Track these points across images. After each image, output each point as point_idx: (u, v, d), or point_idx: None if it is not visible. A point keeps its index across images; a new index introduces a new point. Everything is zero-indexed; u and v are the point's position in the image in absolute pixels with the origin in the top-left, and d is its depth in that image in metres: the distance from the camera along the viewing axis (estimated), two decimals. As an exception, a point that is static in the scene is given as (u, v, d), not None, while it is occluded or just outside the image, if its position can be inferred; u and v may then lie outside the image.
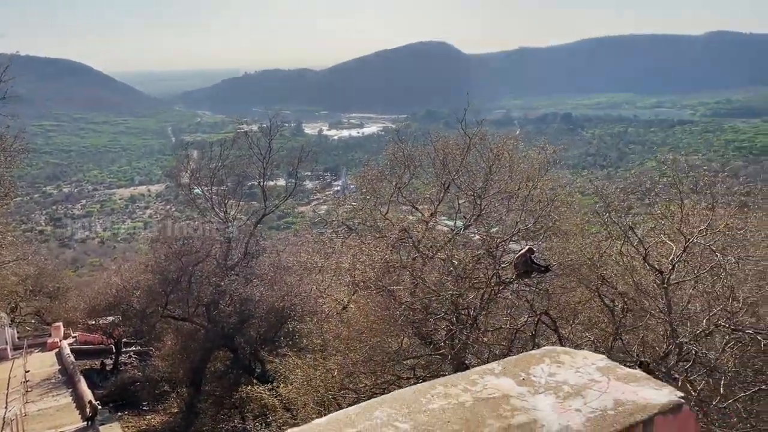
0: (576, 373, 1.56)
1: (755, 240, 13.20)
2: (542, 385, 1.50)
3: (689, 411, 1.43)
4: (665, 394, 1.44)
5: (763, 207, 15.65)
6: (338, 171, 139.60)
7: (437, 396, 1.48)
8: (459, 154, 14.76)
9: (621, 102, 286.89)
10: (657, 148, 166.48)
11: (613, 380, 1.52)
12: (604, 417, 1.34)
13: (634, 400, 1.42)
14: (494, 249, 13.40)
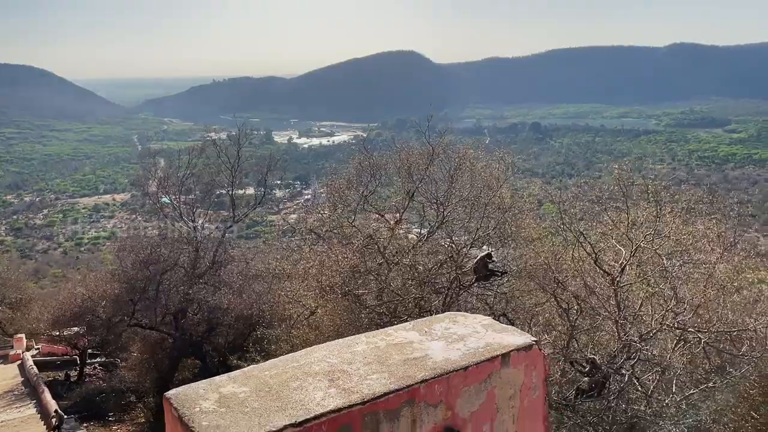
0: (465, 327, 2.10)
1: (701, 245, 14.10)
2: (438, 335, 2.04)
3: (538, 350, 1.98)
4: (523, 338, 1.99)
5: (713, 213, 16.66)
6: (308, 179, 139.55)
7: (361, 343, 2.00)
8: (423, 163, 15.37)
9: (588, 112, 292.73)
10: (623, 157, 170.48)
11: (490, 331, 2.07)
12: (476, 352, 1.89)
13: (500, 342, 1.97)
14: (456, 254, 14.01)
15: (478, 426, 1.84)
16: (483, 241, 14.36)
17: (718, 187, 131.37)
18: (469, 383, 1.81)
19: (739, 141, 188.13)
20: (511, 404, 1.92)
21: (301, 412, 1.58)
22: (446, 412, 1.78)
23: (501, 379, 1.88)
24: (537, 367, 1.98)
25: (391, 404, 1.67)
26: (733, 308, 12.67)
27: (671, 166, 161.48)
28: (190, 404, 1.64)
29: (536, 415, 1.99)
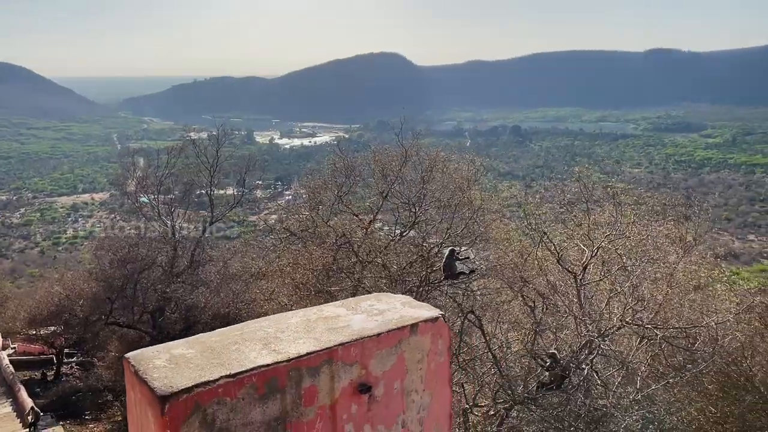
0: (386, 305, 2.48)
1: (662, 246, 14.70)
2: (362, 310, 2.41)
3: (443, 322, 2.37)
4: (431, 312, 2.38)
5: (676, 216, 17.29)
6: (290, 180, 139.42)
7: (295, 316, 2.37)
8: (397, 164, 15.81)
9: (567, 116, 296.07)
10: (602, 161, 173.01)
11: (407, 307, 2.45)
12: (390, 322, 2.27)
13: (412, 315, 2.36)
14: (427, 254, 14.47)
15: (389, 383, 2.22)
16: (453, 241, 14.81)
17: (694, 191, 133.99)
18: (382, 347, 2.20)
19: (714, 146, 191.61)
20: (419, 366, 2.31)
21: (236, 366, 1.95)
22: (361, 370, 2.16)
23: (410, 344, 2.27)
24: (443, 336, 2.37)
25: (312, 362, 2.04)
26: (690, 307, 13.28)
27: (648, 169, 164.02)
28: (145, 362, 2.00)
29: (442, 376, 2.38)
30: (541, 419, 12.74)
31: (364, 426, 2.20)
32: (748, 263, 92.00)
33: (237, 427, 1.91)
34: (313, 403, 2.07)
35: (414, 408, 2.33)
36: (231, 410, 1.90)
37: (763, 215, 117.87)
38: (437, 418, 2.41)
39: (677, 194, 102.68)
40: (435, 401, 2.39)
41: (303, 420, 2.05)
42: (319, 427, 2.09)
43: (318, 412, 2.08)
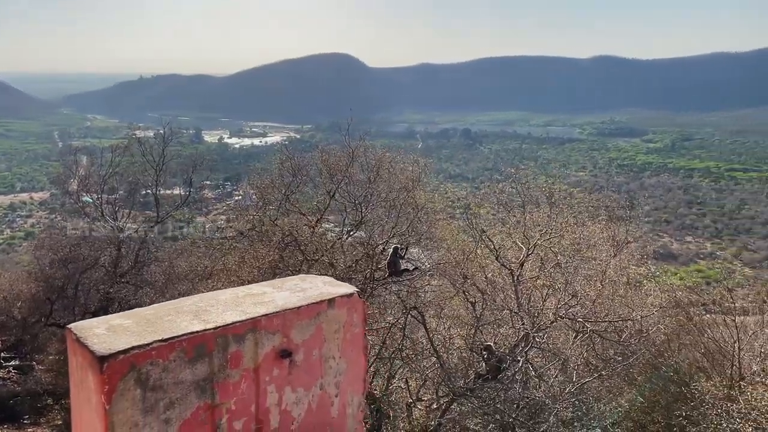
0: (309, 284, 2.78)
1: (595, 244, 15.48)
2: (286, 288, 2.71)
3: (358, 297, 2.70)
4: (348, 289, 2.71)
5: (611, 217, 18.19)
6: (239, 180, 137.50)
7: (226, 293, 2.65)
8: (344, 164, 16.10)
9: (516, 119, 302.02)
10: (549, 164, 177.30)
11: (327, 286, 2.76)
12: (310, 297, 2.58)
13: (330, 291, 2.67)
14: (372, 252, 14.81)
15: (309, 350, 2.53)
16: (399, 240, 15.19)
17: (636, 194, 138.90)
18: (302, 319, 2.50)
19: (655, 150, 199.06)
20: (336, 336, 2.63)
21: (168, 333, 2.22)
22: (282, 338, 2.46)
23: (327, 317, 2.58)
24: (357, 310, 2.69)
25: (238, 330, 2.33)
26: (620, 302, 14.05)
27: (593, 173, 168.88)
28: (86, 330, 2.25)
29: (357, 345, 2.70)
30: (482, 411, 13.24)
31: (285, 388, 2.50)
32: (686, 263, 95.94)
33: (169, 385, 2.18)
34: (239, 366, 2.36)
35: (331, 373, 2.64)
36: (163, 370, 2.17)
37: (700, 218, 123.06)
38: (352, 383, 2.73)
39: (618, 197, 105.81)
40: (350, 367, 2.71)
41: (229, 381, 2.34)
42: (243, 388, 2.38)
43: (243, 374, 2.37)
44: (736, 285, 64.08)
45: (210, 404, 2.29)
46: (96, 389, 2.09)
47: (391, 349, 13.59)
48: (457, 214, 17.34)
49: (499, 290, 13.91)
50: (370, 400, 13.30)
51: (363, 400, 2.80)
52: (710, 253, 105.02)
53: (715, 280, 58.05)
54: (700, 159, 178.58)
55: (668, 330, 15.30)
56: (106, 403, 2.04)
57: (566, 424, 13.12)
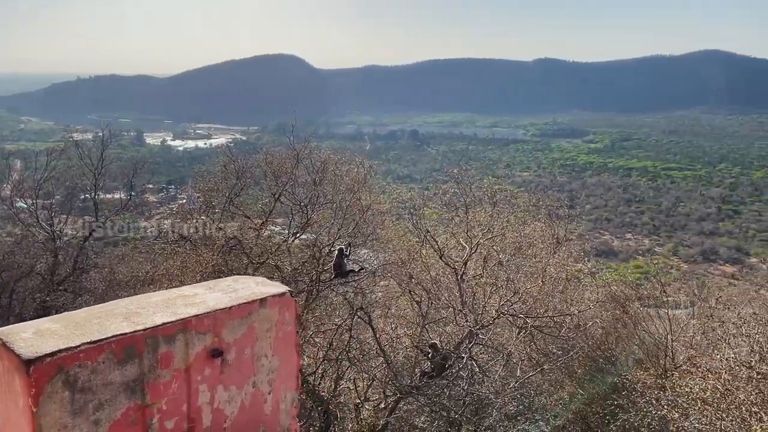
0: (242, 284, 2.84)
1: (536, 243, 15.95)
2: (219, 289, 2.77)
3: (289, 297, 2.78)
4: (280, 289, 2.78)
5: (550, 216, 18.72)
6: (184, 183, 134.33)
7: (157, 296, 2.69)
8: (289, 166, 16.04)
9: (462, 121, 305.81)
10: (494, 165, 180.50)
11: (260, 286, 2.83)
12: (241, 297, 2.65)
13: (262, 291, 2.74)
14: (318, 254, 14.82)
15: (241, 349, 2.59)
16: (345, 241, 15.26)
17: (578, 193, 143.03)
18: (233, 318, 2.56)
19: (596, 151, 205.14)
20: (269, 335, 2.70)
21: (97, 335, 2.25)
22: (213, 338, 2.51)
23: (259, 316, 2.65)
24: (289, 309, 2.77)
25: (168, 331, 2.38)
26: (559, 298, 14.52)
27: (537, 173, 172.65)
28: (13, 335, 2.25)
29: (289, 342, 2.78)
30: (429, 409, 13.45)
31: (217, 387, 2.56)
32: (626, 260, 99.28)
33: (98, 387, 2.21)
34: (169, 366, 2.40)
35: (264, 371, 2.71)
36: (92, 372, 2.20)
37: (639, 215, 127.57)
38: (285, 380, 2.81)
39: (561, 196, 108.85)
40: (283, 365, 2.79)
41: (160, 381, 2.38)
42: (174, 387, 2.43)
43: (174, 374, 2.42)
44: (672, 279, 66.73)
45: (140, 404, 2.33)
46: (23, 392, 2.10)
47: (339, 351, 13.63)
48: (405, 214, 17.51)
49: (443, 289, 14.15)
50: (318, 402, 13.32)
51: (296, 397, 2.87)
52: (648, 249, 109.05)
53: (653, 275, 60.25)
54: (638, 159, 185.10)
55: (605, 324, 15.89)
56: (33, 405, 2.06)
57: (510, 419, 13.47)
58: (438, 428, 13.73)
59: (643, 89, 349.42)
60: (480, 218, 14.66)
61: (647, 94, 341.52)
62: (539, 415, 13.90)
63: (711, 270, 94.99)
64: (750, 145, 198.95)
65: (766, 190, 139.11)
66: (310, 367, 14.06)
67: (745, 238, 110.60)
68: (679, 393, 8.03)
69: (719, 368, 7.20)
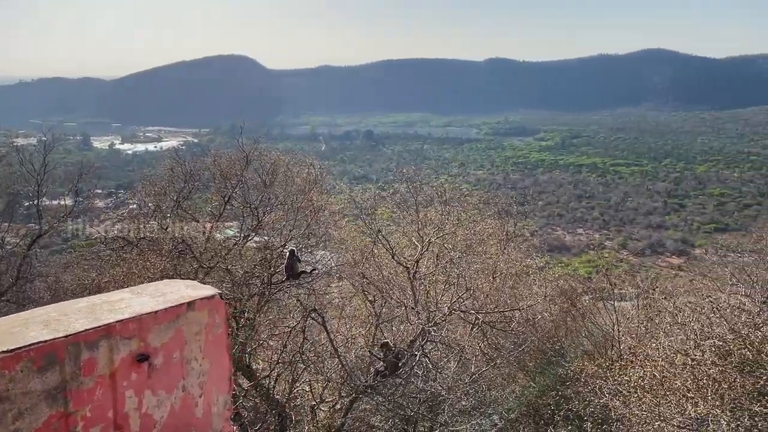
0: (171, 288, 2.82)
1: (484, 238, 16.22)
2: (147, 293, 2.75)
3: (219, 299, 2.78)
4: (209, 291, 2.78)
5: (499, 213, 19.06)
6: (133, 187, 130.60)
7: (82, 302, 2.65)
8: (238, 168, 15.88)
9: (417, 121, 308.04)
10: (449, 164, 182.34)
11: (189, 289, 2.81)
12: (169, 301, 2.63)
13: (191, 294, 2.73)
14: (269, 256, 14.71)
15: (169, 353, 2.58)
16: (297, 242, 15.21)
17: (530, 190, 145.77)
18: (160, 322, 2.55)
19: (547, 148, 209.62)
20: (198, 338, 2.69)
21: (14, 343, 2.21)
22: (139, 343, 2.49)
23: (188, 319, 2.64)
24: (218, 311, 2.76)
25: (90, 337, 2.35)
26: (509, 293, 14.82)
27: (490, 171, 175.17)
28: (-72, 347, 2.19)
29: (220, 345, 2.78)
30: (385, 407, 13.51)
31: (145, 392, 2.53)
32: (578, 254, 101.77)
33: (17, 396, 2.17)
34: (93, 372, 2.37)
35: (194, 374, 2.70)
36: (10, 381, 2.15)
37: (589, 211, 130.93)
38: (217, 383, 2.80)
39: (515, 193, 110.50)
40: (214, 368, 2.78)
41: (83, 388, 2.35)
42: (99, 394, 2.40)
43: (98, 380, 2.39)
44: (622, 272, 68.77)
45: (63, 412, 2.29)
46: (-64, 405, 2.05)
47: (293, 353, 13.56)
48: (359, 215, 17.55)
49: (396, 288, 14.25)
50: (272, 406, 13.24)
51: (229, 399, 2.87)
52: (599, 243, 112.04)
53: (605, 268, 61.92)
54: (587, 155, 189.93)
55: (555, 317, 16.30)
56: (-54, 418, 2.01)
57: (465, 414, 13.65)
58: (394, 426, 13.82)
59: (590, 88, 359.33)
60: (432, 217, 14.82)
61: (594, 93, 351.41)
62: (492, 409, 14.13)
63: (658, 262, 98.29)
64: (693, 140, 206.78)
65: (709, 184, 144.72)
66: (265, 370, 13.96)
67: (690, 230, 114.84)
68: (620, 382, 8.31)
69: (657, 356, 7.49)
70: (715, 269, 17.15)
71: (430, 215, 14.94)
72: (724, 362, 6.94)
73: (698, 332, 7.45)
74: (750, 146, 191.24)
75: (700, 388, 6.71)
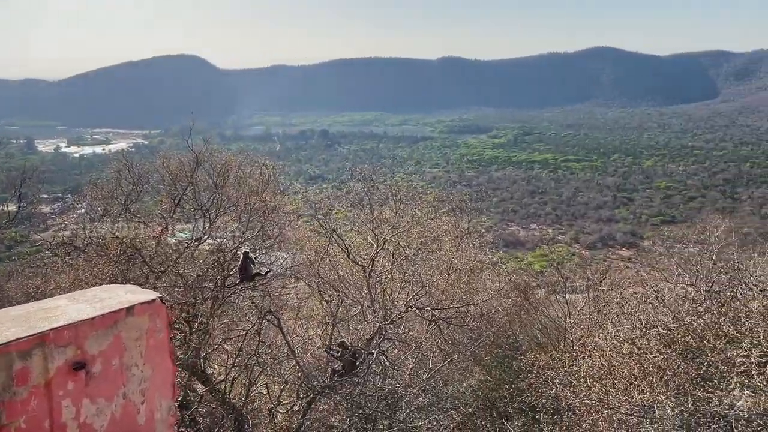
0: (109, 294, 2.75)
1: (438, 235, 16.36)
2: (84, 300, 2.67)
3: (160, 303, 2.72)
4: (149, 296, 2.72)
5: (454, 210, 19.24)
6: (81, 192, 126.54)
7: (15, 310, 2.55)
8: (188, 170, 15.54)
9: (372, 120, 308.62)
10: (405, 162, 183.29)
11: (129, 294, 2.75)
12: (107, 307, 2.57)
13: (130, 299, 2.68)
14: (223, 259, 14.47)
15: (107, 360, 2.51)
16: (251, 244, 15.00)
17: (486, 187, 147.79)
18: (97, 329, 2.48)
19: (500, 145, 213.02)
20: (139, 343, 2.63)
21: (-64, 358, 2.12)
22: (76, 351, 2.42)
23: (127, 325, 2.58)
24: (160, 316, 2.71)
25: (22, 346, 2.27)
26: (464, 289, 14.99)
27: (446, 169, 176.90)
28: None
29: (162, 350, 2.72)
30: (343, 407, 13.48)
31: (83, 400, 2.46)
32: (532, 249, 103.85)
33: (-56, 410, 2.09)
34: (26, 383, 2.29)
35: (135, 381, 2.64)
36: (-65, 395, 2.07)
37: (542, 206, 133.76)
38: (160, 388, 2.75)
39: (470, 190, 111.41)
40: (156, 373, 2.72)
41: (16, 399, 2.27)
42: (34, 404, 2.32)
43: (32, 390, 2.31)
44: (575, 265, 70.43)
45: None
46: None
47: (248, 356, 13.40)
48: (314, 215, 17.46)
49: (352, 287, 14.24)
50: (229, 410, 13.06)
51: (174, 405, 2.82)
52: (552, 237, 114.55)
53: (556, 262, 63.61)
54: (539, 152, 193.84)
55: (509, 311, 16.59)
56: None
57: (423, 410, 13.75)
58: (353, 426, 13.81)
59: (541, 85, 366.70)
60: (387, 215, 14.87)
61: (545, 90, 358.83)
62: (450, 404, 14.28)
63: (609, 254, 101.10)
64: (640, 136, 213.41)
65: (655, 178, 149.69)
66: (220, 375, 13.77)
67: (638, 223, 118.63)
68: (570, 372, 8.52)
69: (605, 346, 7.72)
70: (662, 260, 17.68)
71: (386, 214, 14.98)
72: (669, 350, 7.18)
73: (644, 321, 7.70)
74: (693, 141, 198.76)
75: (647, 375, 6.93)
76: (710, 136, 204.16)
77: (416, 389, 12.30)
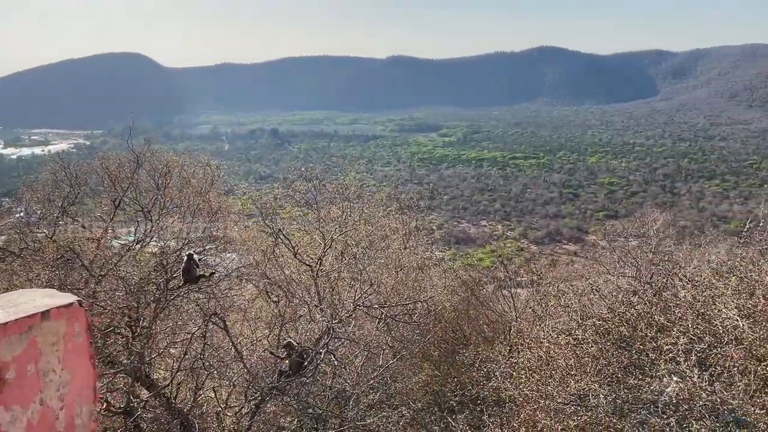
0: (25, 298, 2.67)
1: (386, 234, 16.46)
2: (-5, 306, 2.59)
3: (78, 306, 2.66)
4: (66, 299, 2.65)
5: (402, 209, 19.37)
6: (19, 195, 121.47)
7: None
8: (129, 171, 15.18)
9: (322, 119, 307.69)
10: (358, 161, 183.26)
11: (46, 298, 2.67)
12: (20, 312, 2.49)
13: (47, 303, 2.60)
14: (166, 261, 14.18)
15: (22, 366, 2.44)
16: (195, 245, 14.75)
17: (436, 185, 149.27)
18: (9, 334, 2.40)
19: (450, 144, 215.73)
20: (56, 348, 2.56)
21: None
22: (-13, 358, 2.34)
23: (42, 329, 2.51)
24: (79, 319, 2.64)
25: None
26: (412, 286, 15.14)
27: (397, 167, 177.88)
28: None
29: (82, 354, 2.66)
30: (294, 408, 13.41)
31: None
32: (482, 245, 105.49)
33: None
34: (-69, 392, 2.20)
35: (53, 386, 2.57)
36: None
37: (491, 203, 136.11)
38: (80, 393, 2.68)
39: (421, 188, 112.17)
40: (76, 378, 2.66)
41: None
42: (-61, 416, 2.23)
43: (-62, 401, 2.23)
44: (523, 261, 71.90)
45: None
46: None
47: (194, 360, 13.17)
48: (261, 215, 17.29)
49: (300, 287, 14.19)
50: (175, 415, 12.83)
51: (94, 410, 2.75)
52: (501, 234, 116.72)
53: (502, 258, 64.92)
54: (488, 150, 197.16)
55: (456, 307, 16.83)
56: None
57: (373, 407, 13.82)
58: (304, 426, 13.76)
59: (489, 84, 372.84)
60: (334, 214, 14.87)
61: (492, 89, 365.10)
62: (399, 401, 14.38)
63: (557, 249, 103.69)
64: (584, 133, 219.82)
65: (599, 174, 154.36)
66: (165, 380, 13.50)
67: (584, 218, 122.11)
68: (511, 364, 8.73)
69: (543, 338, 7.94)
70: (605, 254, 18.25)
71: (333, 213, 14.98)
72: (604, 340, 7.43)
73: (580, 313, 7.96)
74: (635, 137, 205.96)
75: (582, 365, 7.16)
76: (650, 133, 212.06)
77: (365, 387, 12.34)
